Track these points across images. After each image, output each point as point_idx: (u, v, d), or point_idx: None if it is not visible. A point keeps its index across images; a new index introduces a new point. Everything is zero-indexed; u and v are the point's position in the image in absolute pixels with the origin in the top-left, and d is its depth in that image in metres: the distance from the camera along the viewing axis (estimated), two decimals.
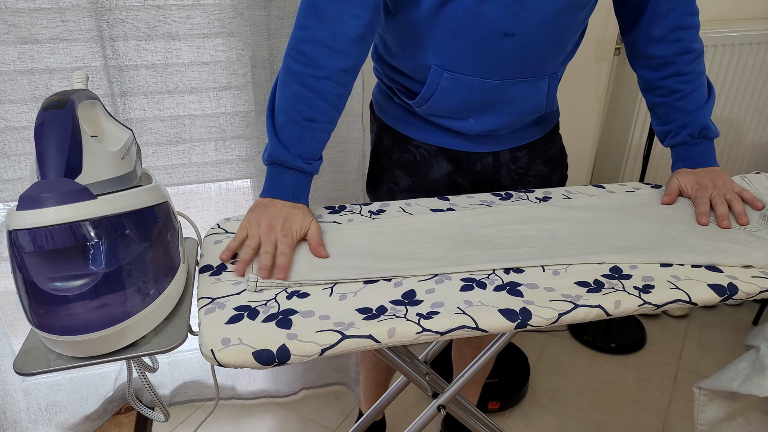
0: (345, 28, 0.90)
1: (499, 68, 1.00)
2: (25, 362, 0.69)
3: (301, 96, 0.92)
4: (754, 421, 1.12)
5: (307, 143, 0.95)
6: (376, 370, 1.50)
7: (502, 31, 0.95)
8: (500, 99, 1.04)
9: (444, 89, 1.03)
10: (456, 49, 0.98)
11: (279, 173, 0.95)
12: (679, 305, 0.79)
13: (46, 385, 1.62)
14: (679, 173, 1.08)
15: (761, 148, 2.22)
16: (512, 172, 1.19)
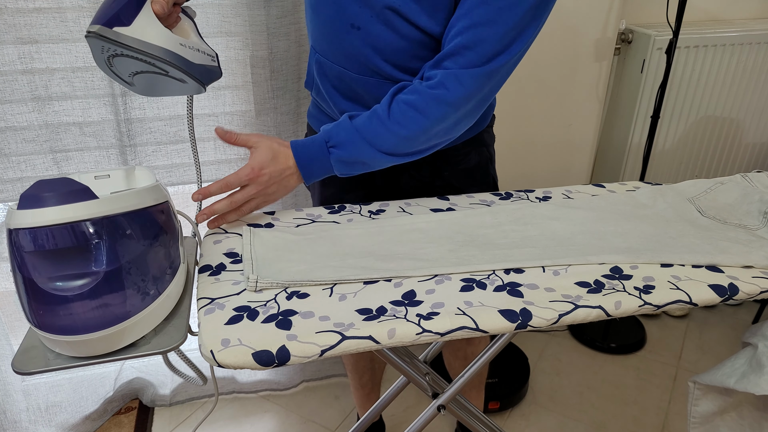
0: None
1: (352, 62, 0.97)
2: (23, 362, 0.69)
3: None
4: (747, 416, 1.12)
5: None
6: (357, 371, 1.50)
7: (348, 22, 0.93)
8: (365, 95, 1.01)
9: (319, 73, 1.04)
10: (320, 32, 0.99)
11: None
12: (679, 305, 0.79)
13: (45, 386, 1.62)
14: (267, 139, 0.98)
15: (761, 147, 2.22)
16: (414, 179, 1.14)
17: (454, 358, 1.46)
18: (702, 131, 2.13)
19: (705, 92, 2.05)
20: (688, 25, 1.96)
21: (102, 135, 1.39)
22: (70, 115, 1.35)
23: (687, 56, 1.96)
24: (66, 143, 1.38)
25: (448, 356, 1.49)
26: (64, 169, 1.40)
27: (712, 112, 2.10)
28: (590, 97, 1.93)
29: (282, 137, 1.50)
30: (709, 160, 2.21)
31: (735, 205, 1.02)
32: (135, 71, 0.87)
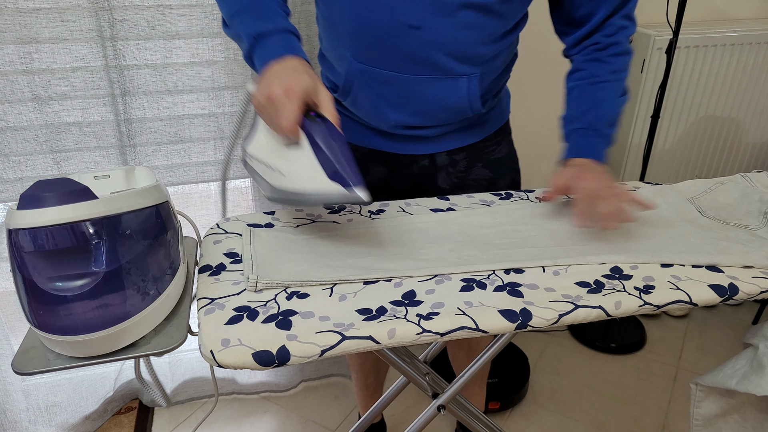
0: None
1: (409, 63, 0.97)
2: (23, 362, 0.69)
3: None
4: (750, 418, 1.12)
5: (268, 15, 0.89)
6: (363, 371, 1.50)
7: (406, 24, 0.93)
8: (413, 95, 1.02)
9: (359, 82, 1.02)
10: (365, 40, 0.97)
11: (265, 42, 0.87)
12: (679, 306, 0.79)
13: (46, 386, 1.62)
14: (568, 165, 1.01)
15: (761, 147, 2.22)
16: (452, 175, 1.15)
17: (458, 348, 1.46)
18: (702, 131, 2.13)
19: (705, 92, 2.05)
20: (688, 25, 1.96)
21: (102, 135, 1.39)
22: (70, 115, 1.35)
23: (687, 56, 1.96)
24: (66, 143, 1.38)
25: (452, 347, 1.49)
26: (64, 169, 1.40)
27: (712, 112, 2.10)
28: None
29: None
30: (709, 160, 2.21)
31: (735, 205, 1.02)
32: None
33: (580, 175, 0.95)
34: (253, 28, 0.88)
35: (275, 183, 0.83)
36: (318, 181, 0.79)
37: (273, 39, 0.87)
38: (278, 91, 0.79)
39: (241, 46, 0.92)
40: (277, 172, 0.82)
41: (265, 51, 0.86)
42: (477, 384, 1.56)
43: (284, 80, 0.80)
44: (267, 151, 0.85)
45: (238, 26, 0.91)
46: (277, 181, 0.83)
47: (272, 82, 0.80)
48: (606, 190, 0.91)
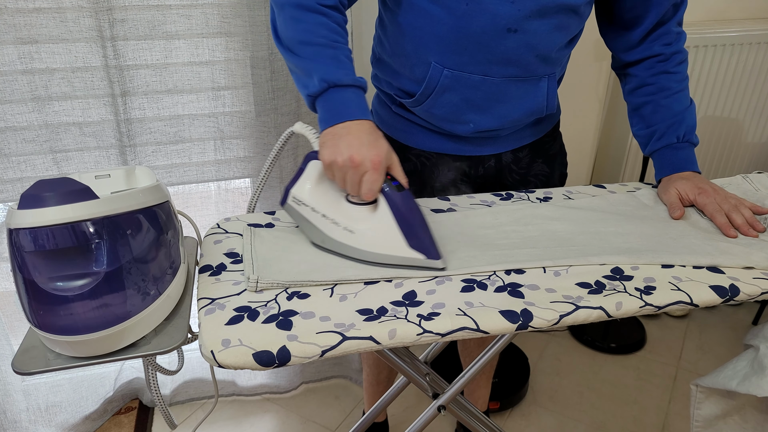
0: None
1: (500, 66, 1.00)
2: (23, 362, 0.69)
3: (319, 22, 0.90)
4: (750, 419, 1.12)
5: (345, 64, 0.90)
6: (377, 366, 1.50)
7: (505, 27, 0.95)
8: (500, 98, 1.04)
9: (443, 87, 1.03)
10: (457, 45, 0.98)
11: (339, 95, 0.88)
12: (680, 306, 0.79)
13: (46, 386, 1.62)
14: (674, 181, 1.03)
15: (761, 148, 2.22)
16: (514, 173, 1.19)
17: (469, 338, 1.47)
18: (702, 131, 2.13)
19: (705, 92, 2.04)
20: (688, 25, 1.96)
21: (102, 135, 1.39)
22: (70, 115, 1.35)
23: None
24: (66, 143, 1.37)
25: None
26: (64, 169, 1.40)
27: (712, 112, 2.10)
28: (590, 97, 1.93)
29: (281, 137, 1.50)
30: (709, 160, 2.21)
31: None
32: None
33: (701, 190, 1.00)
34: (330, 74, 0.87)
35: (335, 236, 0.86)
36: (397, 247, 0.83)
37: (348, 94, 0.88)
38: (364, 158, 0.81)
39: (301, 76, 0.91)
40: (341, 227, 0.86)
41: (339, 106, 0.87)
42: (484, 378, 1.56)
43: (369, 148, 0.82)
44: (323, 203, 0.88)
45: (310, 61, 0.89)
46: (339, 236, 0.86)
47: (355, 146, 0.82)
48: (729, 203, 0.97)
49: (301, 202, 0.88)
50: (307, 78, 0.89)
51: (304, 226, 0.90)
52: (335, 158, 0.82)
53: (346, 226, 0.86)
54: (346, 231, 0.86)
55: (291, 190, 0.89)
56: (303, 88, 0.90)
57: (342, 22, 0.93)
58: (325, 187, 0.89)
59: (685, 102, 1.08)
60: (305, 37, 0.89)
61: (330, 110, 0.87)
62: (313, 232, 0.89)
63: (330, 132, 0.86)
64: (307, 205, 0.88)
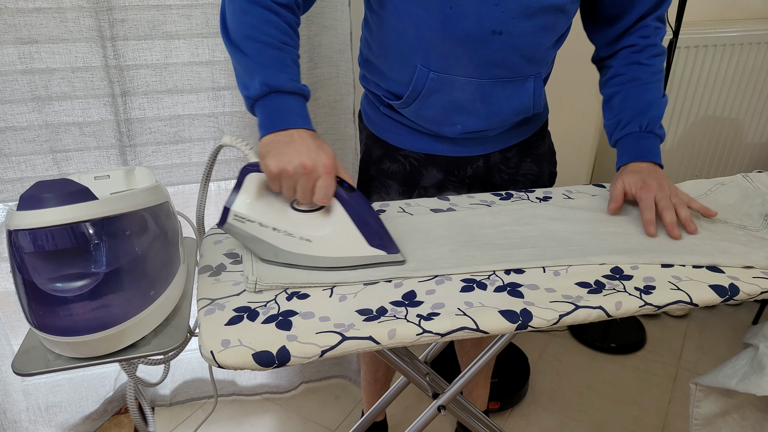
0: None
1: (486, 68, 1.00)
2: (23, 362, 0.69)
3: (268, 19, 0.86)
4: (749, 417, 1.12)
5: (290, 68, 0.86)
6: (374, 365, 1.50)
7: (489, 29, 0.95)
8: (486, 99, 1.04)
9: (430, 89, 1.03)
10: (442, 48, 0.98)
11: (281, 101, 0.85)
12: (680, 306, 0.79)
13: (46, 386, 1.62)
14: (624, 173, 1.02)
15: (761, 148, 2.22)
16: (503, 173, 1.18)
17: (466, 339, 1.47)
18: (702, 131, 2.13)
19: (705, 92, 2.05)
20: (688, 25, 1.96)
21: (102, 135, 1.39)
22: (70, 115, 1.35)
23: (687, 56, 1.96)
24: (66, 143, 1.37)
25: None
26: (64, 170, 1.40)
27: (712, 112, 2.10)
28: (590, 97, 1.93)
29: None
30: (709, 160, 2.21)
31: (735, 206, 1.02)
32: None
33: (644, 184, 0.98)
34: (272, 78, 0.84)
35: (290, 247, 0.83)
36: (358, 248, 0.83)
37: (290, 101, 0.85)
38: (316, 163, 0.79)
39: (242, 75, 0.87)
40: (297, 238, 0.83)
41: (280, 112, 0.85)
42: (482, 378, 1.56)
43: (319, 153, 0.80)
44: (270, 216, 0.84)
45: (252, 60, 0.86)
46: (295, 247, 0.83)
47: (304, 153, 0.79)
48: (668, 200, 0.95)
49: (245, 219, 0.83)
50: (248, 78, 0.86)
51: (252, 243, 0.85)
52: (284, 166, 0.79)
53: (302, 235, 0.83)
54: (303, 241, 0.83)
55: (231, 208, 0.83)
56: (243, 89, 0.87)
57: (294, 24, 0.90)
58: (267, 200, 0.85)
59: (655, 94, 1.06)
60: (250, 33, 0.86)
61: (270, 116, 0.84)
62: (263, 248, 0.84)
63: (271, 140, 0.82)
64: (252, 221, 0.83)
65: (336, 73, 1.49)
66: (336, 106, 1.54)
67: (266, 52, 0.85)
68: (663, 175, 1.01)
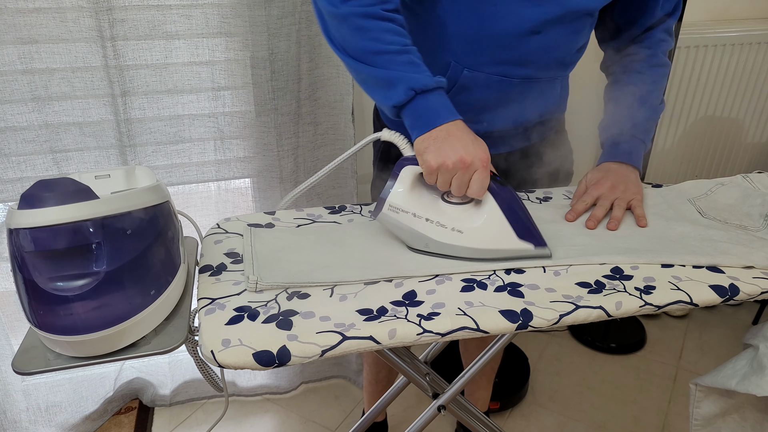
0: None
1: (519, 67, 1.01)
2: (23, 362, 0.69)
3: (387, 29, 0.88)
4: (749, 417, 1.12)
5: (422, 67, 0.89)
6: (377, 365, 1.50)
7: (529, 29, 0.96)
8: (515, 99, 1.05)
9: (461, 86, 1.03)
10: (479, 44, 0.99)
11: (427, 100, 0.87)
12: (680, 306, 0.79)
13: (45, 386, 1.62)
14: (592, 170, 1.06)
15: (761, 148, 2.22)
16: (521, 170, 1.19)
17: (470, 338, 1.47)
18: (702, 131, 2.13)
19: (705, 92, 2.05)
20: (688, 25, 1.96)
21: (102, 135, 1.39)
22: (70, 115, 1.35)
23: (687, 56, 1.96)
24: (66, 143, 1.37)
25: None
26: (64, 169, 1.40)
27: (712, 112, 2.10)
28: (591, 98, 1.92)
29: (282, 138, 1.50)
30: (709, 160, 2.21)
31: (735, 206, 1.02)
32: None
33: (598, 182, 1.02)
34: (414, 81, 0.86)
35: (443, 238, 0.87)
36: (508, 240, 0.86)
37: (434, 97, 0.87)
38: (474, 157, 0.83)
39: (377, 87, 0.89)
40: (449, 229, 0.86)
41: (429, 111, 0.87)
42: (484, 380, 1.56)
43: (475, 147, 0.84)
44: (423, 207, 0.88)
45: (387, 70, 0.87)
46: (448, 237, 0.86)
47: (461, 148, 0.83)
48: (609, 200, 0.99)
49: (399, 210, 0.87)
50: (388, 89, 0.88)
51: (404, 233, 0.89)
52: (443, 161, 0.82)
53: (453, 227, 0.86)
54: (454, 232, 0.86)
55: (387, 200, 0.88)
56: (385, 99, 0.89)
57: (404, 24, 0.92)
58: (420, 192, 0.89)
59: (647, 102, 1.09)
60: (376, 47, 0.87)
61: (420, 117, 0.87)
62: (415, 238, 0.88)
63: (429, 137, 0.85)
64: (407, 212, 0.87)
65: (336, 73, 1.49)
66: (336, 106, 1.54)
67: (397, 59, 0.87)
68: (628, 176, 1.03)
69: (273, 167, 1.53)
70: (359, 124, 1.68)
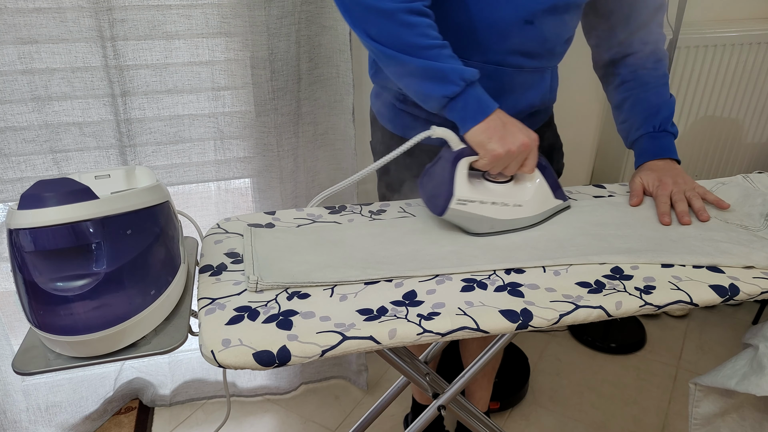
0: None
1: (514, 56, 1.02)
2: (23, 362, 0.69)
3: (429, 23, 0.91)
4: (748, 417, 1.12)
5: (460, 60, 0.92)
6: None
7: (523, 18, 0.98)
8: (508, 89, 1.06)
9: None
10: (476, 34, 1.00)
11: (475, 90, 0.91)
12: (680, 306, 0.79)
13: (45, 386, 1.62)
14: (642, 171, 1.09)
15: (761, 148, 2.22)
16: None
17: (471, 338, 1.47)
18: (702, 131, 2.13)
19: (705, 92, 2.05)
20: (688, 25, 1.96)
21: (102, 135, 1.39)
22: (70, 115, 1.35)
23: (687, 56, 1.96)
24: (66, 143, 1.37)
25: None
26: (64, 169, 1.40)
27: (712, 112, 2.10)
28: (590, 97, 1.93)
29: (282, 138, 1.50)
30: (709, 160, 2.21)
31: (736, 206, 1.02)
32: None
33: (660, 182, 1.05)
34: (464, 72, 0.89)
35: (507, 216, 0.95)
36: (549, 202, 0.98)
37: (479, 88, 0.92)
38: (530, 139, 0.91)
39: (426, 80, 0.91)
40: (511, 206, 0.95)
41: (478, 101, 0.91)
42: (485, 380, 1.56)
43: (527, 130, 0.92)
44: (484, 192, 0.94)
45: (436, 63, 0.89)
46: (510, 214, 0.95)
47: (517, 132, 0.91)
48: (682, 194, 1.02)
49: (467, 201, 0.92)
50: (441, 81, 0.90)
51: (472, 222, 0.94)
52: (509, 147, 0.89)
53: (514, 203, 0.94)
54: (515, 207, 0.95)
55: (455, 194, 0.91)
56: (437, 91, 0.90)
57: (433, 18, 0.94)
58: (471, 180, 0.94)
59: (663, 96, 1.12)
60: (423, 41, 0.90)
61: (473, 107, 0.91)
62: (481, 224, 0.94)
63: (485, 127, 0.90)
64: (473, 201, 0.92)
65: (336, 73, 1.49)
66: (336, 106, 1.54)
67: (443, 52, 0.91)
68: (679, 170, 1.07)
69: (273, 167, 1.53)
70: (359, 124, 1.68)
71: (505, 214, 0.94)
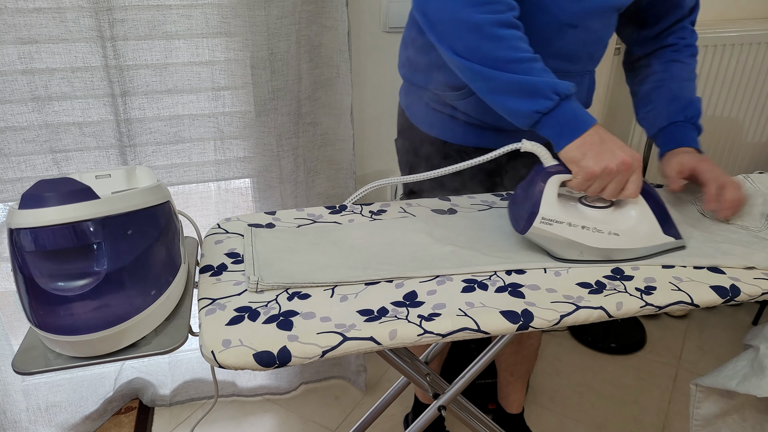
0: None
1: (555, 59, 1.00)
2: (23, 361, 0.69)
3: (519, 36, 0.88)
4: (749, 418, 1.12)
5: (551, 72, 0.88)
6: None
7: (567, 23, 0.97)
8: None
9: None
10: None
11: (570, 105, 0.86)
12: (680, 306, 0.79)
13: (45, 386, 1.62)
14: (675, 153, 1.04)
15: (761, 148, 2.22)
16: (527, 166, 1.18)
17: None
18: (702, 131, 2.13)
19: (705, 92, 2.05)
20: None
21: (102, 135, 1.39)
22: (70, 115, 1.35)
23: None
24: (66, 143, 1.37)
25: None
26: (64, 169, 1.40)
27: (712, 112, 2.10)
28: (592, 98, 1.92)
29: (282, 138, 1.50)
30: None
31: None
32: None
33: (702, 159, 1.00)
34: (558, 86, 0.85)
35: (599, 244, 0.86)
36: (655, 237, 0.87)
37: (574, 102, 0.87)
38: (633, 158, 0.83)
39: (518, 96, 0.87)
40: (605, 233, 0.86)
41: (574, 116, 0.86)
42: (519, 382, 1.58)
43: (628, 149, 0.85)
44: (574, 215, 0.86)
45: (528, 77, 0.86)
46: (605, 242, 0.86)
47: (617, 150, 0.83)
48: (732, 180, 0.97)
49: (553, 221, 0.85)
50: (532, 96, 0.86)
51: (558, 244, 0.86)
52: (606, 165, 0.82)
53: (610, 230, 0.85)
54: (611, 235, 0.85)
55: (540, 213, 0.85)
56: (528, 106, 0.86)
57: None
58: (562, 201, 0.87)
59: (693, 92, 1.11)
60: (514, 55, 0.86)
61: (568, 122, 0.86)
62: (569, 248, 0.86)
63: (582, 143, 0.84)
64: (561, 222, 0.85)
65: (336, 73, 1.49)
66: (336, 106, 1.54)
67: (535, 66, 0.87)
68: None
69: (273, 167, 1.53)
70: (358, 124, 1.69)
71: (597, 241, 0.85)
